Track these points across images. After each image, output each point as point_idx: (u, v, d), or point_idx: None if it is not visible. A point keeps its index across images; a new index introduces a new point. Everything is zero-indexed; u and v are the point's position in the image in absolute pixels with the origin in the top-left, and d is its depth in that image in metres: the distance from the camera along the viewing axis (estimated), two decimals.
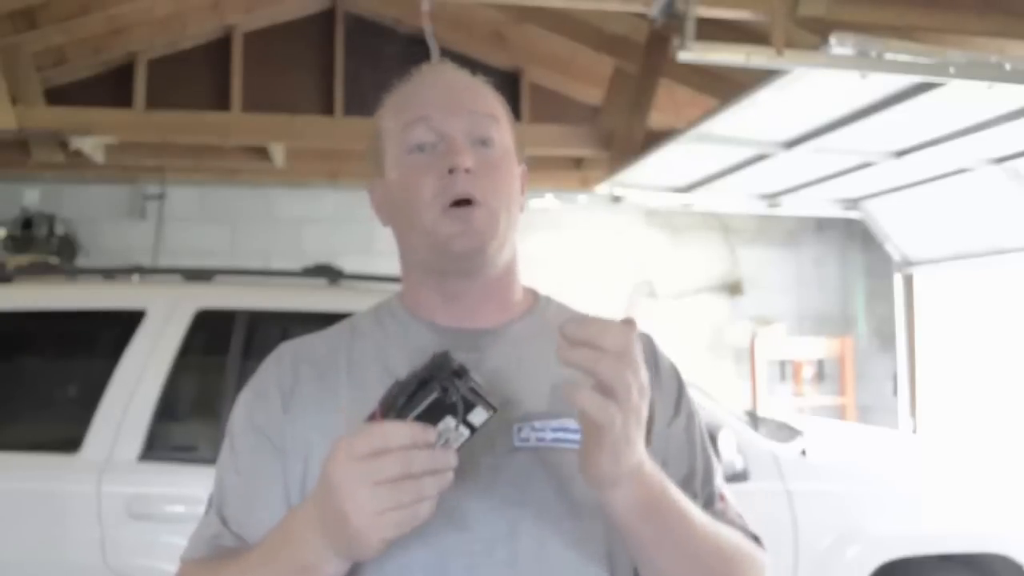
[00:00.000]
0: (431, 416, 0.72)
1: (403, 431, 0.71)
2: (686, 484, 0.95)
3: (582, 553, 0.88)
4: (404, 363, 0.92)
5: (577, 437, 0.83)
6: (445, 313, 0.97)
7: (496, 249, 0.93)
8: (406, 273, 1.01)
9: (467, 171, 0.90)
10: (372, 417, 0.73)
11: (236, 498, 0.93)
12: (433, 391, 0.72)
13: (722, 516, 0.95)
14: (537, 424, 0.90)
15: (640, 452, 0.78)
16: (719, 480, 1.00)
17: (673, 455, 0.96)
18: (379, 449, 0.71)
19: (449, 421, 0.72)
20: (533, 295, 1.04)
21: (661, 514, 0.83)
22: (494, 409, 0.74)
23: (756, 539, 0.97)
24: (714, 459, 1.01)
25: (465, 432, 0.73)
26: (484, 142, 0.93)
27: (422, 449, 0.71)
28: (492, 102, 0.98)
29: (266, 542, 0.84)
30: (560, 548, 0.88)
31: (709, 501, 0.96)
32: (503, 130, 0.96)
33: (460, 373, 0.73)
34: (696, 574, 0.88)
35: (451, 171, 0.90)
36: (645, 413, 0.77)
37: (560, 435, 0.90)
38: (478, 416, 0.73)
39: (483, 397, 0.73)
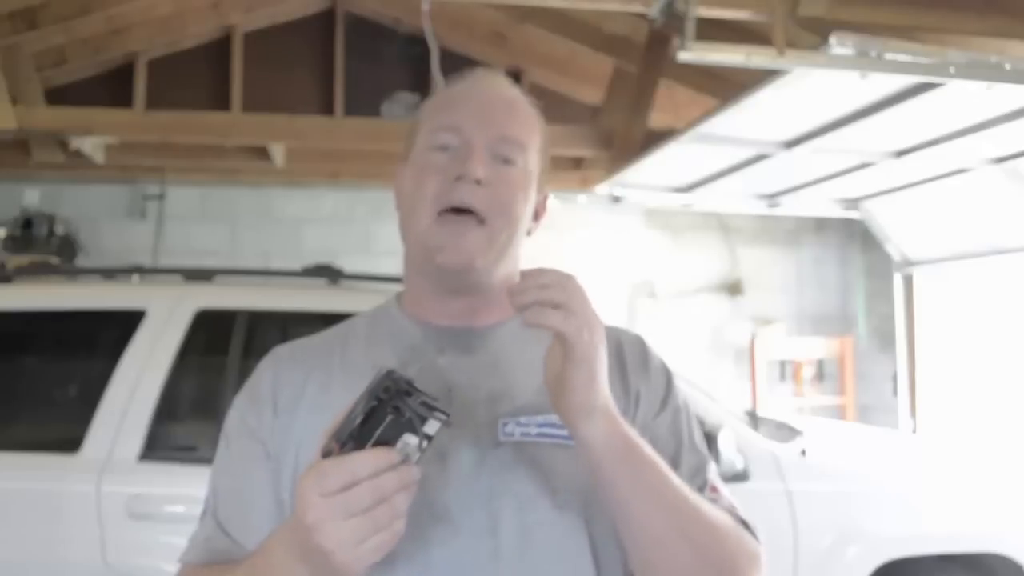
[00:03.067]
0: (389, 437, 0.73)
1: (368, 459, 0.72)
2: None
3: (565, 545, 0.89)
4: (394, 361, 0.94)
5: (564, 433, 0.86)
6: (439, 313, 0.99)
7: (487, 267, 0.95)
8: (407, 267, 1.03)
9: (477, 182, 0.91)
10: (329, 452, 0.73)
11: (229, 501, 0.95)
12: (387, 414, 0.73)
13: (713, 504, 0.95)
14: (523, 419, 0.91)
15: (607, 389, 0.83)
16: (711, 475, 0.99)
17: (658, 448, 0.96)
18: (348, 483, 0.71)
19: (407, 438, 0.73)
20: None
21: (635, 455, 0.84)
22: (446, 415, 0.75)
23: (749, 528, 0.96)
24: (706, 456, 1.01)
25: (424, 443, 0.74)
26: (505, 160, 0.95)
27: (388, 472, 0.72)
28: (527, 128, 0.99)
29: (251, 567, 0.84)
30: (543, 540, 0.89)
31: (698, 491, 0.96)
32: (529, 156, 0.98)
33: (409, 391, 0.74)
34: (677, 536, 0.86)
35: (459, 178, 0.92)
36: (603, 349, 0.82)
37: (545, 430, 0.91)
38: (432, 427, 0.75)
39: (435, 408, 0.75)
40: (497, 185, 0.93)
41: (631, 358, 1.01)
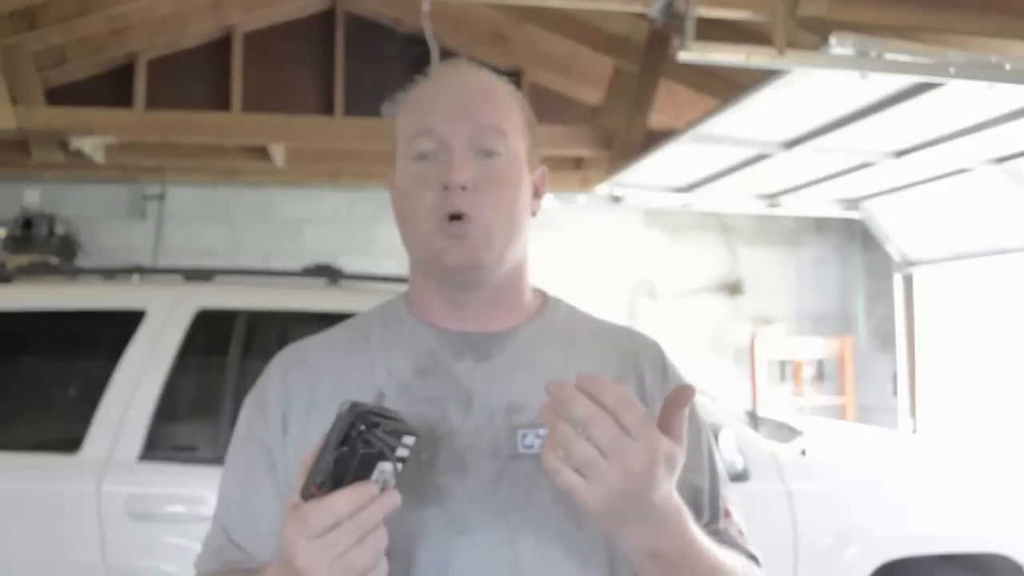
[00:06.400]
0: (365, 469, 0.74)
1: (347, 498, 0.73)
2: (693, 500, 0.94)
3: (583, 560, 0.88)
4: (410, 367, 0.94)
5: None
6: (451, 317, 0.96)
7: (493, 262, 0.93)
8: (412, 274, 1.01)
9: (463, 188, 0.89)
10: (309, 495, 0.74)
11: (235, 509, 0.95)
12: (357, 448, 0.74)
13: (724, 534, 0.95)
14: (542, 431, 0.89)
15: (654, 506, 0.76)
16: (725, 495, 0.99)
17: (680, 473, 0.96)
18: (331, 523, 0.72)
19: (382, 466, 0.75)
20: (542, 297, 1.04)
21: (672, 562, 0.81)
22: (416, 435, 0.76)
23: (754, 558, 0.96)
24: (722, 473, 1.00)
25: (399, 466, 0.76)
26: (488, 153, 0.92)
27: (369, 505, 0.73)
28: (503, 111, 0.95)
29: None
30: (561, 554, 0.87)
31: (714, 518, 0.96)
32: (512, 140, 0.94)
33: (375, 421, 0.75)
34: None
35: (446, 187, 0.89)
36: (660, 472, 0.75)
37: None
38: (404, 450, 0.76)
39: (403, 433, 0.76)
40: (486, 186, 0.91)
41: (650, 371, 0.99)
